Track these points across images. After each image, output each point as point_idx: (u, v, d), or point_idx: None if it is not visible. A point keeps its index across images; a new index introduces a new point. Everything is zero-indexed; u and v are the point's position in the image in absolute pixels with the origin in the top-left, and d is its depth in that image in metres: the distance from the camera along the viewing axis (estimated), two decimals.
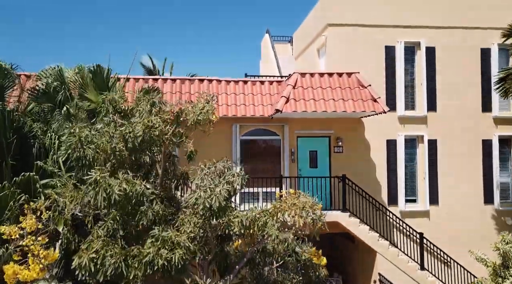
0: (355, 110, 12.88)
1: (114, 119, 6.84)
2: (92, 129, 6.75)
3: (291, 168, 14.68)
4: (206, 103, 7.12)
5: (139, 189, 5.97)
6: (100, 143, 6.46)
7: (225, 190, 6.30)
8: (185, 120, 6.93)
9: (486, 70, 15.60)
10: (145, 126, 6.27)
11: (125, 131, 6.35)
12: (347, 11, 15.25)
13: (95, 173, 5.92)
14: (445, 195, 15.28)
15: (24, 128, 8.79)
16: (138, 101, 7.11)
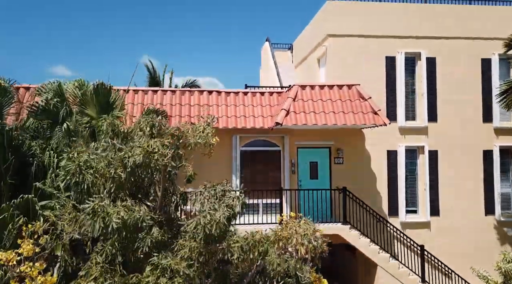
0: (356, 123, 12.84)
1: (113, 143, 6.77)
2: (91, 153, 6.68)
3: (292, 180, 14.63)
4: (206, 125, 7.05)
5: (138, 216, 5.92)
6: (99, 167, 6.41)
7: (225, 216, 6.25)
8: (185, 142, 6.87)
9: (487, 81, 15.56)
10: (145, 151, 6.21)
11: (124, 156, 6.30)
12: (347, 21, 15.21)
13: (93, 201, 5.87)
14: (446, 206, 15.23)
15: (23, 146, 8.75)
16: (138, 123, 7.04)
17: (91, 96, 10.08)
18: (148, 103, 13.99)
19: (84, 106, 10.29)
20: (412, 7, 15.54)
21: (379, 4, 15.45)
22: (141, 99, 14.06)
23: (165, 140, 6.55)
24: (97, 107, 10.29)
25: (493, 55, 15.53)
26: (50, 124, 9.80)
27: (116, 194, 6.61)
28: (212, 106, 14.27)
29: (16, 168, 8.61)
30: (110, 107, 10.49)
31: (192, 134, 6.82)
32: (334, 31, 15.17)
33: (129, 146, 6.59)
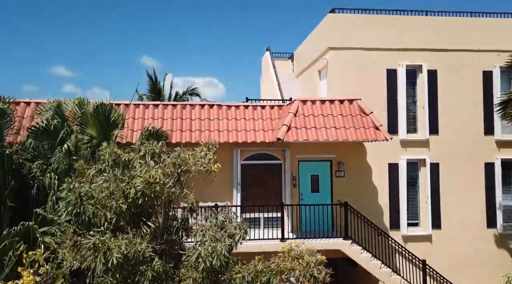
0: (357, 139, 12.81)
1: (114, 174, 6.73)
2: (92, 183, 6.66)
3: (293, 193, 14.60)
4: (207, 150, 7.01)
5: (140, 249, 5.88)
6: (100, 197, 6.38)
7: (226, 247, 6.21)
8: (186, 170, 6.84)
9: (488, 93, 15.53)
10: (146, 182, 6.18)
11: (125, 187, 6.27)
12: (348, 34, 15.18)
13: (94, 236, 5.83)
14: (448, 219, 15.19)
15: (23, 169, 8.72)
16: (138, 151, 7.01)
17: (92, 115, 10.07)
18: (149, 117, 13.99)
19: (84, 126, 10.28)
20: (413, 19, 15.51)
21: (380, 16, 15.42)
22: (142, 113, 14.03)
23: (166, 169, 6.50)
24: (97, 126, 10.28)
25: (494, 68, 15.49)
26: (51, 144, 9.77)
27: (117, 223, 6.57)
28: (213, 120, 14.25)
29: (16, 191, 8.59)
30: (111, 126, 10.49)
31: (193, 161, 6.77)
32: (335, 44, 15.14)
33: (130, 175, 6.56)
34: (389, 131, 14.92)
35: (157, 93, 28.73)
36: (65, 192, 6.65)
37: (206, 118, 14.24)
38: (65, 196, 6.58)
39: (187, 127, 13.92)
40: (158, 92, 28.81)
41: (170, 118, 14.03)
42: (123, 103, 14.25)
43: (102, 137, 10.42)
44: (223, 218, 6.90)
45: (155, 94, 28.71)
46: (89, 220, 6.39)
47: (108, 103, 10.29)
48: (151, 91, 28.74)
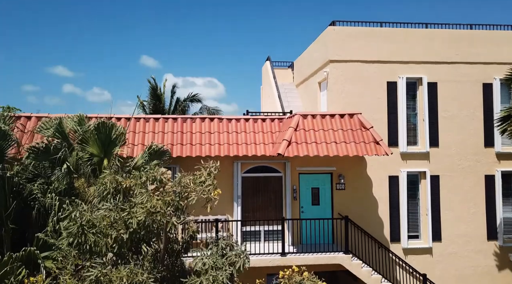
0: (357, 154, 12.81)
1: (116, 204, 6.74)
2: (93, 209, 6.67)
3: (293, 206, 14.61)
4: (207, 175, 7.02)
5: (141, 280, 5.89)
6: (101, 226, 6.39)
7: (227, 275, 6.23)
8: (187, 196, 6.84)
9: (489, 105, 15.55)
10: (147, 212, 6.20)
11: (127, 217, 6.29)
12: (348, 47, 15.20)
13: (95, 268, 5.84)
14: (448, 231, 15.20)
15: (24, 191, 8.74)
16: (139, 177, 7.02)
17: (92, 134, 10.07)
18: (149, 131, 14.01)
19: (85, 144, 10.28)
20: (413, 32, 15.53)
21: (380, 29, 15.44)
22: (142, 127, 14.05)
23: (166, 197, 6.52)
24: (98, 144, 10.28)
25: (495, 80, 15.51)
26: (51, 163, 9.79)
27: (119, 250, 6.59)
28: (213, 133, 14.26)
29: (17, 213, 8.60)
30: (112, 143, 10.47)
31: (194, 187, 6.78)
32: (335, 57, 15.16)
33: (132, 203, 6.57)
34: (389, 144, 15.02)
35: (158, 100, 28.87)
36: (66, 221, 6.66)
37: (207, 132, 14.25)
38: (66, 225, 6.59)
39: (188, 141, 13.93)
40: (159, 99, 28.95)
41: (170, 132, 14.05)
42: (124, 117, 14.30)
43: (103, 155, 10.43)
44: (223, 245, 6.90)
45: (156, 100, 28.85)
46: (90, 248, 6.40)
47: (109, 121, 10.28)
48: (152, 98, 28.90)
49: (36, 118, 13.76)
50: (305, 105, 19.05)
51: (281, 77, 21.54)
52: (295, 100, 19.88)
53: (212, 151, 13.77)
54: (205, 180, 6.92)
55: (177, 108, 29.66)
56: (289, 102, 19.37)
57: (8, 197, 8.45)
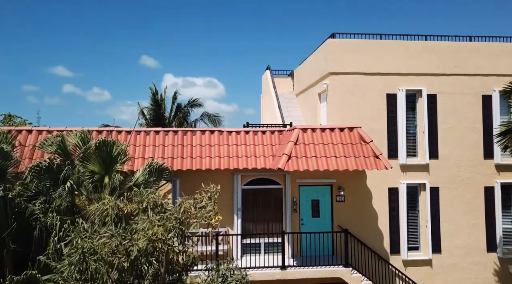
0: (357, 168, 12.86)
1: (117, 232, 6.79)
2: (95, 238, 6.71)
3: (293, 218, 14.66)
4: (208, 200, 7.08)
5: None
6: (102, 253, 6.44)
7: None
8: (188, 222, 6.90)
9: (488, 117, 15.61)
10: (148, 240, 6.25)
11: (128, 244, 6.34)
12: (348, 59, 15.26)
13: None
14: (448, 243, 15.25)
15: (26, 212, 8.78)
16: (140, 202, 7.07)
17: (93, 152, 10.12)
18: (150, 144, 14.05)
19: (86, 161, 10.33)
20: (412, 44, 15.59)
21: (380, 41, 15.50)
22: (143, 140, 14.10)
23: (167, 224, 6.56)
24: (99, 161, 10.33)
25: (494, 92, 15.56)
26: (53, 181, 9.84)
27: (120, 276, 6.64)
28: (213, 146, 14.31)
29: (18, 233, 8.65)
30: (113, 161, 10.53)
31: (194, 212, 6.84)
32: (335, 69, 15.22)
33: (132, 230, 6.62)
34: (389, 156, 15.08)
35: (159, 106, 29.01)
36: (68, 248, 6.71)
37: (207, 144, 14.30)
38: (68, 252, 6.64)
39: (188, 154, 13.98)
40: (160, 105, 29.09)
41: (171, 145, 14.10)
42: (125, 130, 14.35)
43: (104, 172, 10.49)
44: (224, 269, 6.95)
45: (157, 107, 28.99)
46: (91, 275, 6.45)
47: (110, 140, 10.34)
48: (153, 104, 29.06)
49: (37, 132, 13.82)
50: (305, 115, 19.11)
51: (281, 85, 21.61)
52: (295, 109, 19.94)
53: (212, 164, 13.82)
54: (206, 205, 6.97)
55: (178, 114, 29.79)
56: (289, 112, 19.43)
57: (9, 218, 8.49)
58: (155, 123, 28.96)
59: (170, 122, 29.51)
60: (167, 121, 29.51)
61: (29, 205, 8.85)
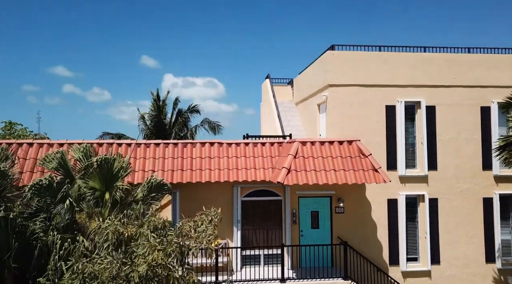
0: (356, 182, 12.93)
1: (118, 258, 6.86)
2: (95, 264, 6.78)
3: (293, 229, 14.72)
4: (208, 223, 7.14)
5: None
6: (103, 278, 6.51)
7: None
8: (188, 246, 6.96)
9: (487, 128, 15.66)
10: (149, 266, 6.32)
11: (128, 270, 6.41)
12: (347, 71, 15.33)
13: None
14: (447, 254, 15.31)
15: (27, 231, 8.86)
16: (140, 226, 7.14)
17: (94, 170, 10.20)
18: (150, 157, 14.12)
19: (88, 178, 10.41)
20: (411, 56, 15.66)
21: (379, 53, 15.57)
22: (143, 153, 14.17)
23: (168, 248, 6.63)
24: (100, 178, 10.41)
25: (492, 104, 15.63)
26: (53, 198, 9.91)
27: None
28: (213, 158, 14.38)
29: (19, 252, 8.71)
30: (114, 177, 10.61)
31: (194, 235, 6.90)
32: (334, 81, 15.29)
33: (133, 254, 6.68)
34: (388, 167, 15.15)
35: (160, 112, 29.17)
36: (68, 273, 6.78)
37: (207, 157, 14.37)
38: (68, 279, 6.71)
39: (188, 166, 14.05)
40: (161, 111, 29.24)
41: (171, 157, 14.17)
42: (125, 143, 14.43)
43: (105, 188, 10.57)
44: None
45: (158, 113, 29.15)
46: None
47: (111, 157, 10.41)
48: (154, 110, 29.24)
49: (38, 145, 13.89)
50: (304, 125, 19.18)
51: (281, 94, 21.68)
52: (295, 119, 20.00)
53: (212, 176, 13.89)
54: (206, 228, 7.03)
55: (178, 120, 29.94)
56: (288, 121, 19.50)
57: (10, 237, 8.56)
58: (156, 129, 29.09)
59: (170, 128, 29.67)
60: (168, 126, 29.67)
61: (30, 224, 8.91)
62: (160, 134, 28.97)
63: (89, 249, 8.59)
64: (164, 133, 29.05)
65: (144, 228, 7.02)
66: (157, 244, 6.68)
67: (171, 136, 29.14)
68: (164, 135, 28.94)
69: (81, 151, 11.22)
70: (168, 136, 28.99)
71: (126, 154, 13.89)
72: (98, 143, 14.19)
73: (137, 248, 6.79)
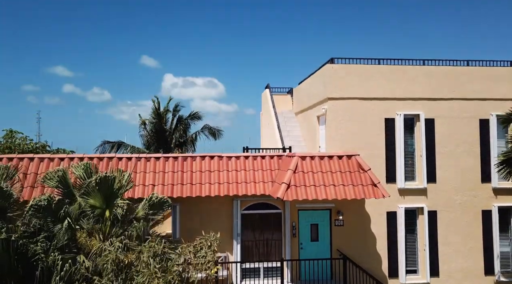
0: (355, 197, 13.00)
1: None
2: None
3: (293, 242, 14.78)
4: (208, 249, 7.21)
5: None
6: None
7: None
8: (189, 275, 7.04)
9: (485, 141, 15.72)
10: None
11: None
12: (346, 84, 15.40)
13: None
14: (446, 266, 15.38)
15: (28, 253, 8.93)
16: (141, 252, 7.21)
17: (94, 188, 10.28)
18: (150, 171, 14.18)
19: (87, 196, 10.50)
20: (410, 69, 15.73)
21: (378, 66, 15.64)
22: (143, 167, 14.23)
23: (168, 276, 6.70)
24: (100, 196, 10.49)
25: (491, 116, 15.69)
26: (54, 218, 10.00)
27: None
28: (213, 172, 14.45)
29: (21, 274, 8.79)
30: (113, 195, 10.69)
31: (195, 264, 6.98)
32: (333, 95, 15.36)
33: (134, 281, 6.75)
34: (387, 180, 15.22)
35: (160, 119, 29.33)
36: None
37: (207, 170, 14.44)
38: None
39: (188, 180, 14.12)
40: (161, 118, 29.40)
41: (171, 171, 14.24)
42: (125, 157, 14.50)
43: (105, 206, 10.66)
44: None
45: (159, 120, 29.33)
46: None
47: (111, 174, 10.49)
48: (155, 117, 29.43)
49: (39, 160, 13.95)
50: (304, 135, 19.25)
51: (280, 103, 21.77)
52: (295, 129, 20.08)
53: (212, 190, 13.95)
54: (205, 254, 7.10)
55: (179, 127, 30.09)
56: (288, 132, 19.58)
57: (12, 259, 8.64)
58: (156, 135, 29.24)
59: (171, 134, 29.82)
60: (168, 133, 29.81)
61: (31, 245, 8.99)
62: (160, 140, 29.14)
63: (90, 270, 8.67)
64: (164, 140, 29.21)
65: (144, 255, 7.09)
66: (157, 271, 6.75)
67: (172, 142, 29.28)
68: (165, 141, 29.09)
69: (81, 168, 11.34)
70: (169, 143, 29.13)
71: (126, 168, 13.97)
72: (98, 157, 14.26)
73: (137, 275, 6.85)
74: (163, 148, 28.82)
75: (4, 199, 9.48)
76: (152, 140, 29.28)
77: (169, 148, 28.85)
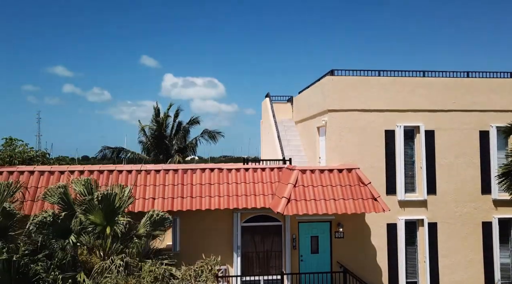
0: (356, 212, 13.01)
1: None
2: None
3: (293, 254, 14.79)
4: (208, 273, 7.22)
5: None
6: None
7: None
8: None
9: (485, 152, 15.74)
10: None
11: None
12: (346, 96, 15.41)
13: None
14: (446, 278, 15.39)
15: (29, 273, 8.94)
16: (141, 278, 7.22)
17: (95, 205, 10.30)
18: (150, 184, 14.18)
19: (89, 213, 10.52)
20: (410, 81, 15.74)
21: (378, 78, 15.65)
22: (143, 180, 14.23)
23: None
24: (102, 214, 10.52)
25: (491, 128, 15.70)
26: (55, 234, 10.01)
27: None
28: (213, 185, 14.45)
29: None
30: (114, 212, 10.72)
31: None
32: (333, 106, 15.37)
33: None
34: (388, 192, 15.24)
35: (160, 124, 29.40)
36: None
37: (207, 183, 14.44)
38: None
39: (188, 193, 14.11)
40: (161, 124, 29.46)
41: (171, 184, 14.23)
42: (126, 169, 14.51)
43: (106, 223, 10.68)
44: None
45: (158, 126, 29.41)
46: None
47: (112, 191, 10.51)
48: (155, 123, 29.55)
49: (39, 173, 13.95)
50: (304, 145, 19.26)
51: (280, 112, 21.79)
52: (295, 138, 20.09)
53: (212, 204, 13.95)
54: (206, 279, 7.11)
55: (179, 132, 30.16)
56: (288, 141, 19.59)
57: (13, 280, 8.64)
58: (156, 141, 29.29)
59: (171, 140, 29.89)
60: (168, 139, 29.88)
61: (32, 265, 8.99)
62: (160, 146, 29.20)
63: None
64: (165, 146, 29.26)
65: (144, 280, 7.10)
66: None
67: (172, 148, 29.33)
68: (166, 148, 29.14)
69: (82, 184, 11.34)
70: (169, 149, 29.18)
71: (127, 181, 13.99)
72: (98, 170, 14.26)
73: None
74: (163, 154, 28.90)
75: (7, 219, 9.48)
76: (152, 146, 29.35)
77: (169, 154, 28.93)
